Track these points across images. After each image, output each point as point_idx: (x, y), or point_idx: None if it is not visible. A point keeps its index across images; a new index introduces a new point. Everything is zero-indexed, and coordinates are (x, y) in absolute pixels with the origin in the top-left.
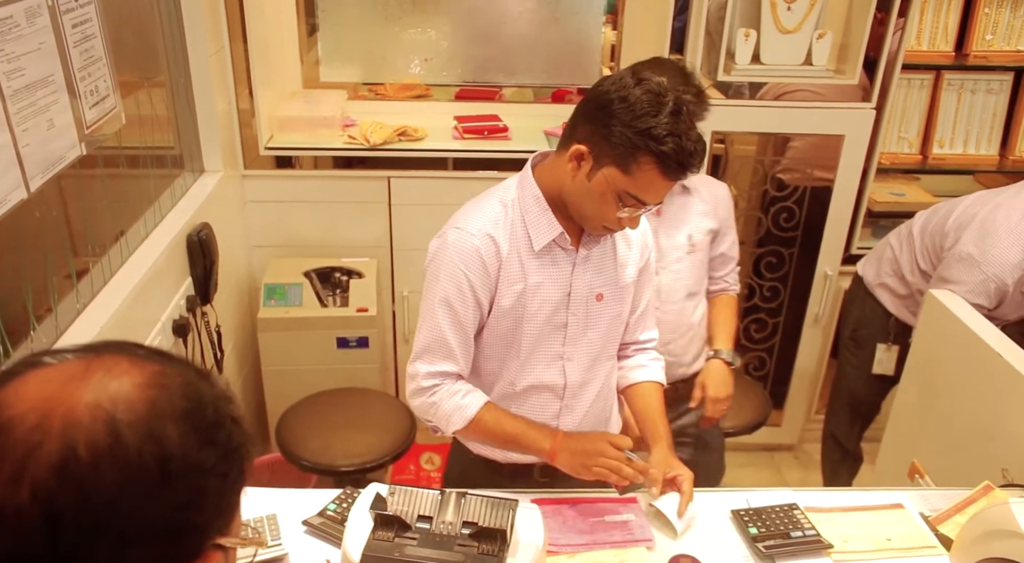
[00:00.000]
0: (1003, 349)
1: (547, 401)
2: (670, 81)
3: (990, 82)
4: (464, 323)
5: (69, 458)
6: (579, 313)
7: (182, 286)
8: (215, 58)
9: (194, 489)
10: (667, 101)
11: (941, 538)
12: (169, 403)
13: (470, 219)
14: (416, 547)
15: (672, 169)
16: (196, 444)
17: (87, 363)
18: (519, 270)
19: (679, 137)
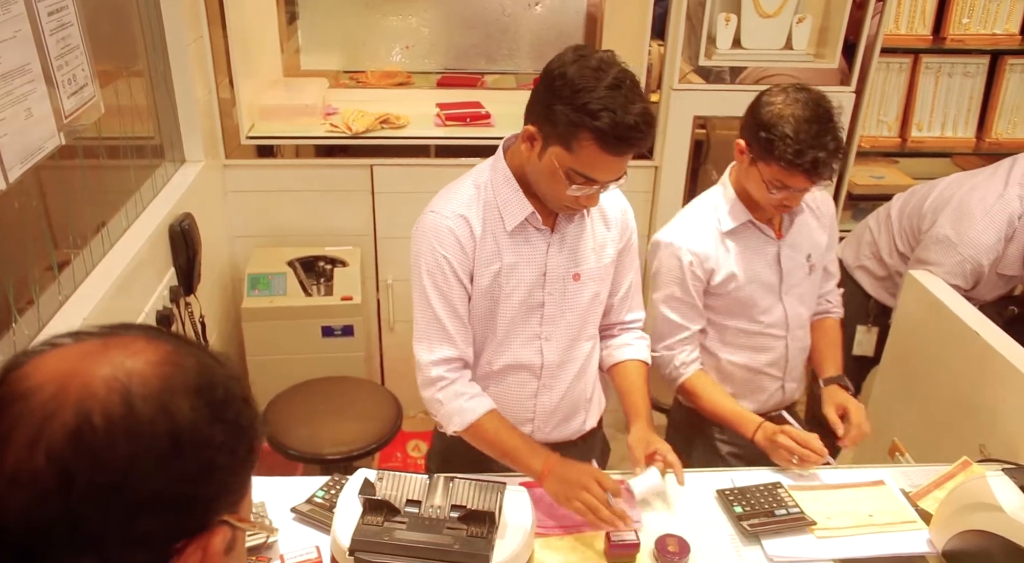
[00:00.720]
0: (981, 328)
1: (525, 380)
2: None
3: (967, 65)
4: (453, 302)
5: (83, 426)
6: (556, 293)
7: (165, 277)
8: (194, 47)
9: (203, 462)
10: (605, 75)
11: (921, 513)
12: (182, 379)
13: (444, 202)
14: (405, 531)
15: (611, 144)
16: (206, 419)
17: (105, 341)
18: (494, 250)
19: (614, 111)
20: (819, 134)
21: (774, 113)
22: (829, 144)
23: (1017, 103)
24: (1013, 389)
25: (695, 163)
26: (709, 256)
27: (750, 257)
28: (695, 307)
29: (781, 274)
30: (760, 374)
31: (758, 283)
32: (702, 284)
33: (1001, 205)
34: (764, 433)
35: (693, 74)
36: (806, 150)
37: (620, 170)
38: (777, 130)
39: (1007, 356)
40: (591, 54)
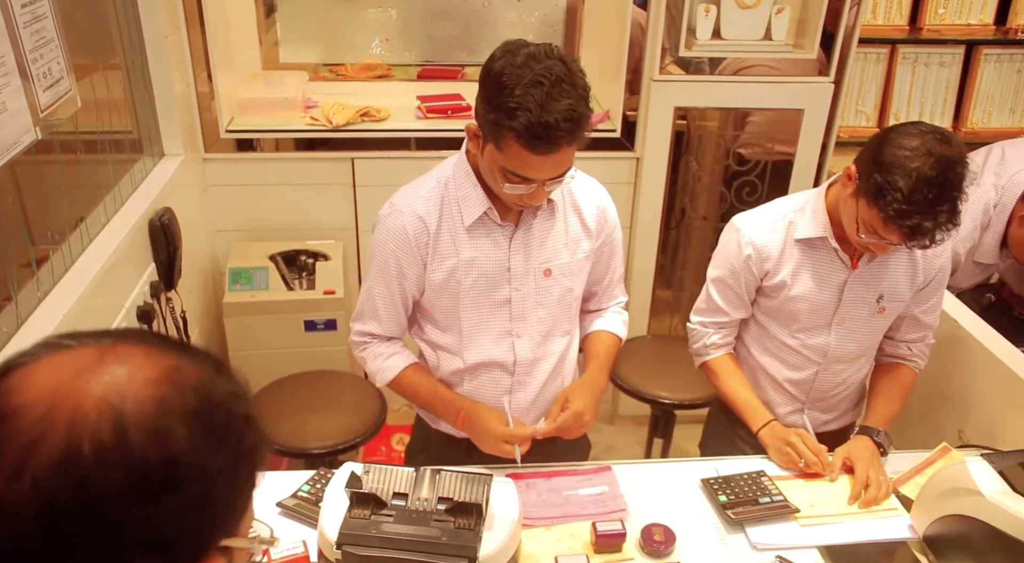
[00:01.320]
0: (958, 315)
1: (498, 378)
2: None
3: (943, 55)
4: (392, 294)
5: (72, 454)
6: (523, 289)
7: (145, 272)
8: (171, 40)
9: (199, 492)
10: (529, 72)
11: (902, 499)
12: (180, 402)
13: (403, 196)
14: (393, 524)
15: (532, 144)
16: (205, 447)
17: (102, 353)
18: (451, 245)
19: (530, 110)
20: (935, 201)
21: (898, 159)
22: (941, 215)
23: (992, 92)
24: (990, 376)
25: (676, 154)
26: (771, 256)
27: (812, 275)
28: (741, 297)
29: (839, 304)
30: (780, 387)
31: (810, 302)
32: (755, 279)
33: (977, 194)
34: (772, 431)
35: (673, 65)
36: (913, 214)
37: (557, 167)
38: (892, 179)
39: (984, 343)
40: (520, 49)
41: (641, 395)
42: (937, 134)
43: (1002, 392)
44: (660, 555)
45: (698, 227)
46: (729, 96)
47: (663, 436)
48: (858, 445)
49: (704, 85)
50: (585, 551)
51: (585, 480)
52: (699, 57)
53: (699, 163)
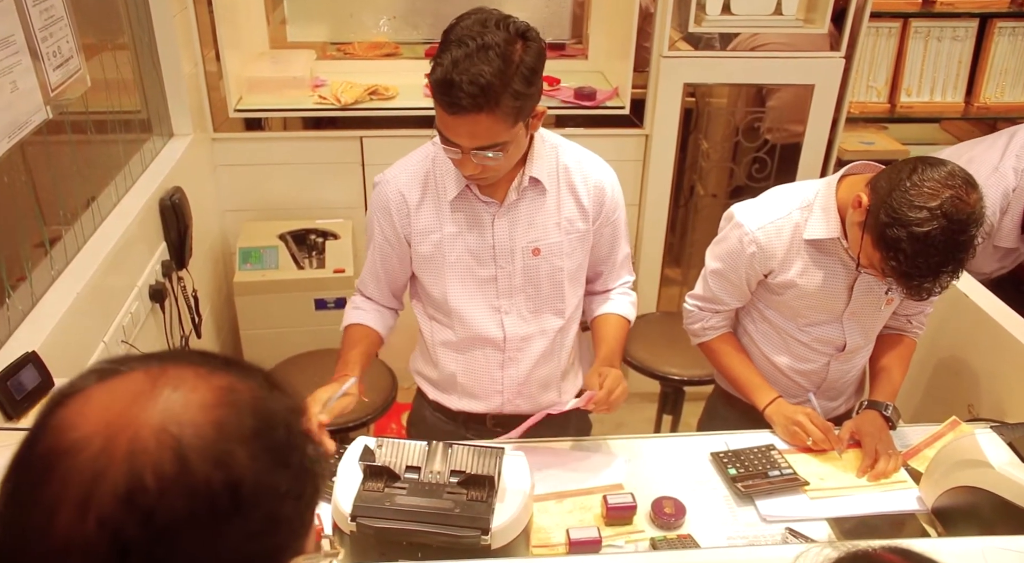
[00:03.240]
0: (968, 290)
1: (489, 352)
2: None
3: (955, 29)
4: (376, 259)
5: (135, 488)
6: (508, 267)
7: (156, 251)
8: (179, 19)
9: (267, 514)
10: (462, 32)
11: (911, 472)
12: (238, 423)
13: (393, 168)
14: (406, 496)
15: (441, 100)
16: (268, 467)
17: (153, 378)
18: (434, 219)
19: (443, 66)
20: (941, 264)
21: (910, 218)
22: (944, 276)
23: (1006, 67)
24: (1000, 349)
25: (685, 132)
26: (775, 255)
27: (822, 275)
28: (741, 289)
29: (849, 300)
30: (791, 381)
31: (819, 301)
32: (758, 275)
33: (996, 178)
34: (779, 407)
35: (682, 42)
36: (915, 276)
37: (473, 137)
38: (899, 237)
39: (995, 317)
40: (475, 13)
41: (651, 372)
42: (959, 188)
43: (1012, 365)
44: (670, 527)
45: (707, 205)
46: (738, 72)
47: (672, 412)
48: (866, 419)
49: (713, 61)
50: (596, 523)
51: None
52: (710, 33)
53: (708, 140)
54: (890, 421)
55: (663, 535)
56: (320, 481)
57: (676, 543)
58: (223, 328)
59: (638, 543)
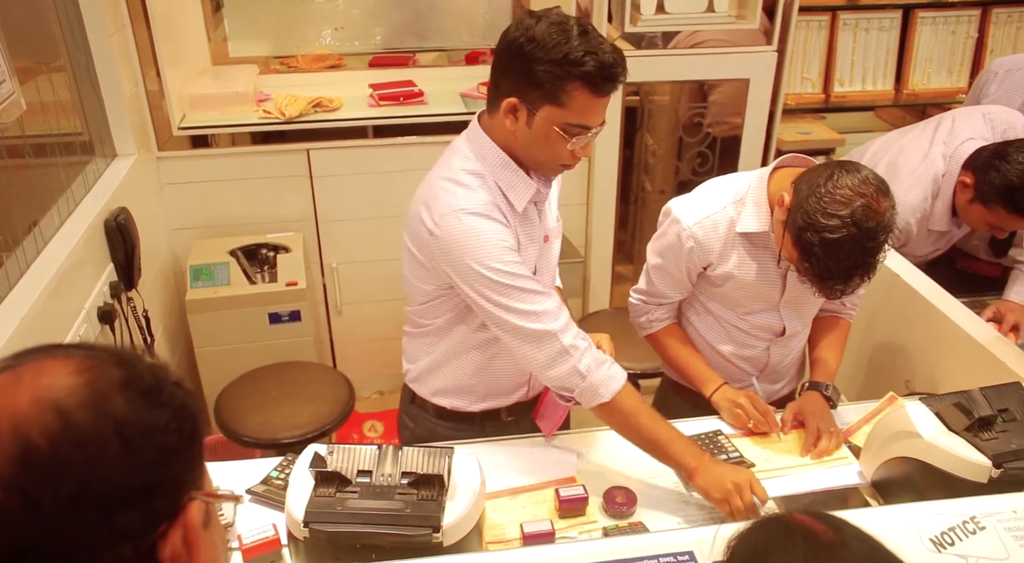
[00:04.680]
0: (901, 271)
1: None
2: None
3: (881, 20)
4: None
5: (26, 449)
6: (544, 257)
7: (104, 273)
8: (116, 38)
9: (157, 448)
10: (571, 26)
11: (852, 448)
12: (107, 379)
13: (462, 200)
14: (358, 499)
15: (600, 85)
16: (145, 407)
17: (14, 372)
18: (514, 235)
19: (595, 53)
20: (851, 268)
21: (821, 225)
22: (855, 279)
23: (930, 55)
24: (934, 327)
25: (630, 130)
26: (713, 249)
27: (757, 265)
28: (682, 282)
29: (784, 289)
30: (734, 366)
31: (757, 290)
32: (697, 268)
33: (926, 165)
34: (724, 394)
35: (622, 40)
36: (826, 279)
37: (605, 112)
38: (812, 241)
39: (927, 297)
40: (544, 14)
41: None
42: (869, 197)
43: (944, 341)
44: (622, 516)
45: (655, 200)
46: (675, 69)
47: None
48: (808, 400)
49: (650, 59)
50: (550, 516)
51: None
52: (652, 31)
53: (654, 137)
54: (830, 400)
55: (615, 524)
56: (198, 418)
57: (627, 530)
58: (177, 346)
59: (591, 533)
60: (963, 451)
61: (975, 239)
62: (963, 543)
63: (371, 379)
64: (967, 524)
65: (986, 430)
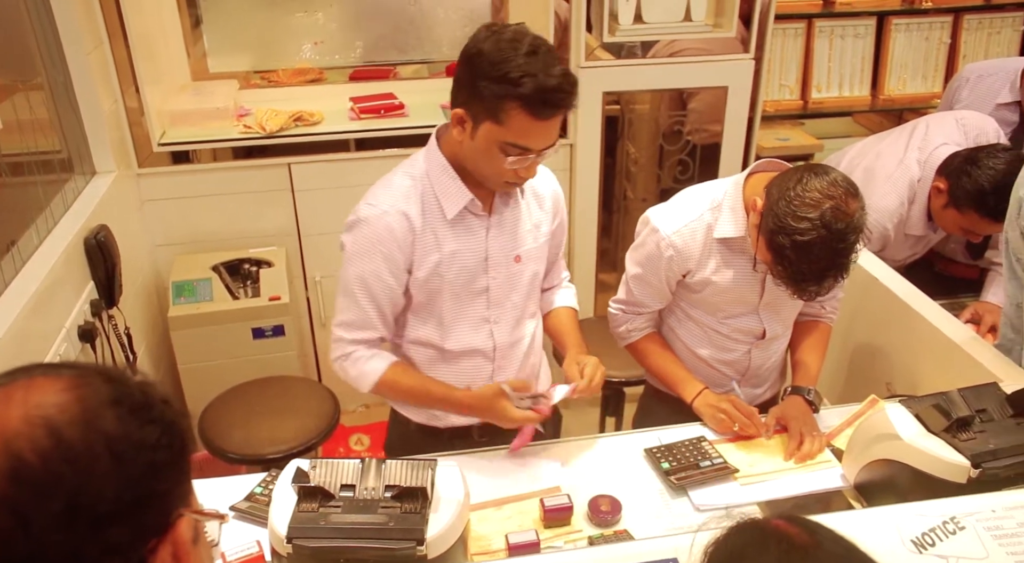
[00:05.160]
0: (880, 275)
1: (479, 364)
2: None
3: (856, 27)
4: (379, 297)
5: (18, 465)
6: (499, 277)
7: (84, 291)
8: (94, 56)
9: (146, 464)
10: (521, 45)
11: (835, 451)
12: (97, 395)
13: (381, 196)
14: (341, 514)
15: (537, 108)
16: (135, 424)
17: (4, 390)
18: (433, 241)
19: (535, 75)
20: (824, 270)
21: (792, 228)
22: (828, 280)
23: (904, 60)
24: (912, 329)
25: (611, 139)
26: (692, 256)
27: (735, 270)
28: (662, 292)
29: (763, 292)
30: (716, 371)
31: (736, 295)
32: (677, 276)
33: (901, 171)
34: (705, 399)
35: (602, 50)
36: (799, 280)
37: (551, 136)
38: (783, 244)
39: (905, 300)
40: (503, 29)
41: None
42: (838, 199)
43: (922, 343)
44: (607, 524)
45: (638, 209)
46: (654, 78)
47: (614, 414)
48: (790, 405)
49: (629, 69)
50: (535, 527)
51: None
52: (631, 41)
53: (635, 145)
54: (813, 404)
55: (600, 532)
56: (187, 434)
57: (612, 539)
58: (160, 364)
59: (576, 542)
60: (942, 452)
61: (952, 242)
62: (943, 543)
63: (356, 392)
64: (947, 524)
65: (964, 431)
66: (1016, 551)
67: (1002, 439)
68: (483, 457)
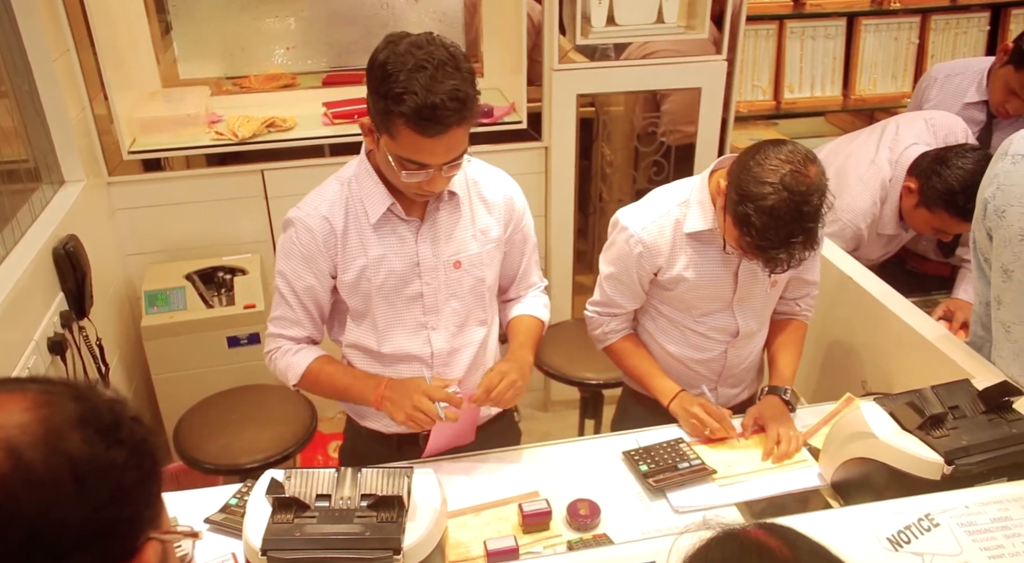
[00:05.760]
0: (854, 274)
1: (417, 370)
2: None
3: (827, 28)
4: (302, 296)
5: None
6: (434, 282)
7: (54, 302)
8: (61, 63)
9: (113, 487)
10: (412, 58)
11: (812, 450)
12: (63, 415)
13: (308, 201)
14: (316, 524)
15: (422, 126)
16: (102, 445)
17: None
18: (359, 245)
19: (416, 93)
20: (789, 236)
21: (754, 194)
22: (795, 247)
23: (875, 60)
24: (886, 327)
25: (586, 141)
26: (661, 252)
27: (706, 264)
28: (635, 291)
29: (736, 287)
30: (692, 371)
31: (709, 290)
32: (648, 274)
33: (873, 171)
34: (680, 402)
35: (575, 53)
36: (768, 248)
37: (449, 151)
38: (748, 213)
39: (879, 298)
40: (401, 39)
41: (568, 379)
42: (797, 164)
43: (896, 342)
44: (586, 528)
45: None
46: (628, 81)
47: (594, 417)
48: (767, 405)
49: (603, 71)
50: (513, 532)
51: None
52: (604, 43)
53: (610, 147)
54: (789, 404)
55: (579, 536)
56: (157, 454)
57: (592, 543)
58: (134, 374)
59: (556, 547)
60: (916, 449)
61: (924, 240)
62: (919, 541)
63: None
64: (922, 522)
65: (938, 428)
66: (988, 546)
67: (974, 435)
68: (460, 463)
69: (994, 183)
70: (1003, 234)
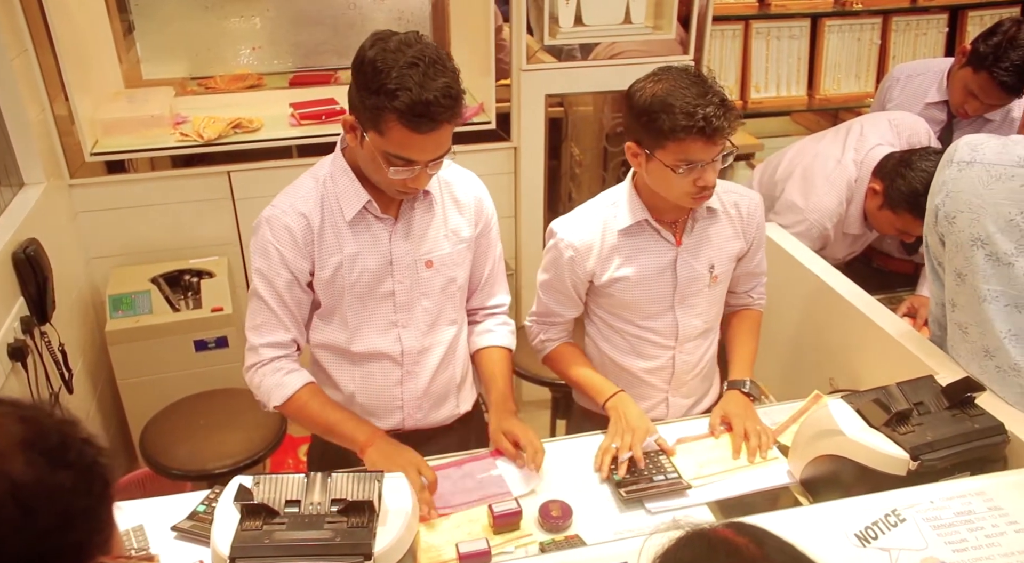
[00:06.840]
0: (822, 273)
1: (387, 368)
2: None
3: (791, 28)
4: (283, 294)
5: None
6: (406, 281)
7: (13, 308)
8: (18, 63)
9: (59, 512)
10: (403, 56)
11: (781, 448)
12: (6, 438)
13: (283, 198)
14: (285, 531)
15: (414, 122)
16: (47, 469)
17: None
18: (334, 242)
19: (410, 89)
20: (701, 94)
21: (649, 94)
22: (713, 99)
23: (838, 61)
24: (852, 325)
25: (555, 141)
26: (592, 253)
27: (643, 260)
28: (571, 297)
29: (676, 283)
30: (642, 381)
31: (648, 288)
32: (582, 280)
33: (839, 171)
34: (616, 401)
35: (543, 53)
36: (694, 110)
37: (437, 148)
38: (661, 107)
39: (847, 297)
40: (390, 37)
41: (539, 379)
42: (656, 72)
43: (863, 339)
44: (558, 529)
45: None
46: (595, 81)
47: (565, 417)
48: (730, 401)
49: (571, 71)
50: (485, 534)
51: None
52: (570, 44)
53: (579, 147)
54: (751, 396)
55: (551, 538)
56: (109, 476)
57: (564, 544)
58: (98, 380)
59: (527, 547)
60: (882, 446)
61: (888, 239)
62: (885, 536)
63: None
64: (889, 517)
65: (903, 424)
66: (953, 540)
67: (939, 431)
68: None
69: (943, 190)
70: (955, 239)
